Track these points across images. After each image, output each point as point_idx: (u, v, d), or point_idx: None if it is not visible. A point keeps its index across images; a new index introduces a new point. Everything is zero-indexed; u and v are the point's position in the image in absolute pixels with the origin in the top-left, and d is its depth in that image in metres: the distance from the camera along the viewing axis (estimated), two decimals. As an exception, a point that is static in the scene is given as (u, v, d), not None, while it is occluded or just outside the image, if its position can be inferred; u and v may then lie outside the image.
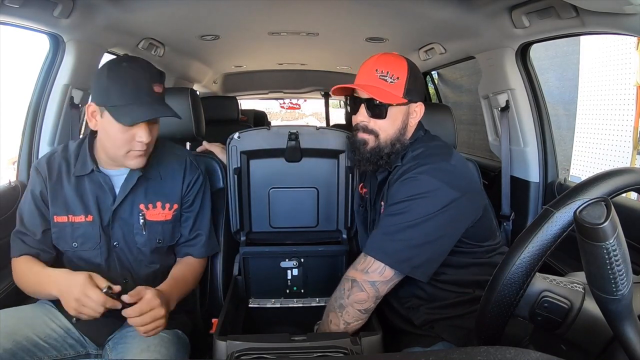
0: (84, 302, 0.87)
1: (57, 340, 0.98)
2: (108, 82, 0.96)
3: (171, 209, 1.10)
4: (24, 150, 1.34)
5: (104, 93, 0.97)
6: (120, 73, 0.97)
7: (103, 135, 1.01)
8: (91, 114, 1.00)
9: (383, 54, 1.06)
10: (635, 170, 0.53)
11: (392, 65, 1.02)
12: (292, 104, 5.45)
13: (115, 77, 0.96)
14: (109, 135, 0.99)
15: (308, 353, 0.84)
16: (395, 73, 1.01)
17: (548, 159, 1.47)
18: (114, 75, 0.97)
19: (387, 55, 1.05)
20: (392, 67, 1.02)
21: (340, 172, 1.28)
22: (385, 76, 1.01)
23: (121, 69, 0.97)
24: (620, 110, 3.23)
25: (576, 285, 0.56)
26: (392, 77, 1.01)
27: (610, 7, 0.91)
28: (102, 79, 0.98)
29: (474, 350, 0.48)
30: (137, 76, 0.98)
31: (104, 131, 1.00)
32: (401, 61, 1.04)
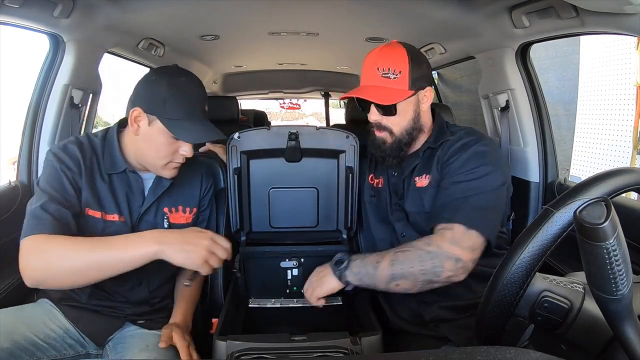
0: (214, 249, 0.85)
1: (56, 340, 0.98)
2: (167, 93, 0.96)
3: (191, 213, 1.13)
4: (24, 150, 1.34)
5: (160, 104, 0.96)
6: (180, 87, 0.97)
7: (145, 143, 0.99)
8: (134, 119, 0.98)
9: (382, 47, 1.05)
10: (635, 170, 0.53)
11: (392, 59, 1.02)
12: (292, 104, 5.44)
13: (175, 91, 0.96)
14: (153, 144, 0.98)
15: (308, 353, 0.84)
16: (396, 67, 1.01)
17: (548, 159, 1.47)
18: (173, 88, 0.96)
19: (386, 48, 1.05)
20: (392, 61, 1.02)
21: (340, 172, 1.28)
22: (388, 73, 1.02)
23: (181, 83, 0.98)
24: (620, 110, 3.23)
25: (576, 285, 0.56)
26: (394, 72, 1.01)
27: (610, 7, 0.91)
28: (159, 89, 0.96)
29: (474, 350, 0.48)
30: (195, 93, 1.00)
31: (148, 139, 0.99)
32: (400, 52, 1.03)
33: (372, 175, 1.23)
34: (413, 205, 1.08)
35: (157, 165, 1.01)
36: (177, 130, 0.96)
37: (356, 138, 1.25)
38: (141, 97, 0.99)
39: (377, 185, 1.20)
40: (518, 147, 1.49)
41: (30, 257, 0.84)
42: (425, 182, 1.06)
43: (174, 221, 1.10)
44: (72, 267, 0.83)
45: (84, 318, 1.03)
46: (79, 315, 1.02)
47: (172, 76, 0.98)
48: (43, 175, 0.97)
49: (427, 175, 1.06)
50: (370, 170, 1.23)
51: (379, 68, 1.02)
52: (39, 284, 0.87)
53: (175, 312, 1.08)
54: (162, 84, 0.96)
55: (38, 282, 0.86)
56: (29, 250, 0.85)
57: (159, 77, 0.99)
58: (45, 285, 0.91)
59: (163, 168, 1.02)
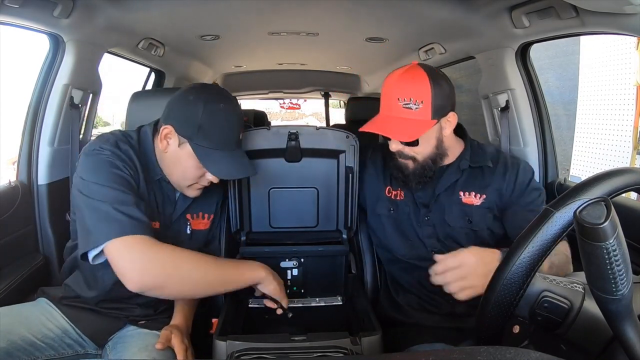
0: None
1: (54, 340, 0.97)
2: (202, 119, 0.92)
3: (209, 219, 1.14)
4: (24, 150, 1.34)
5: (194, 129, 0.93)
6: (217, 115, 0.94)
7: (172, 163, 0.98)
8: (165, 136, 0.96)
9: (402, 72, 1.01)
10: (635, 170, 0.53)
11: (413, 88, 0.99)
12: (292, 104, 5.44)
13: (211, 118, 0.93)
14: (181, 165, 0.97)
15: (308, 353, 0.84)
16: (418, 97, 0.98)
17: (548, 159, 1.47)
18: (209, 114, 0.93)
19: (406, 75, 1.00)
20: (413, 90, 0.98)
21: (340, 172, 1.28)
22: (409, 103, 0.98)
23: (219, 111, 0.94)
24: (620, 110, 3.23)
25: (576, 285, 0.56)
26: (415, 102, 0.98)
27: (610, 7, 0.91)
28: (194, 112, 0.93)
29: (474, 350, 0.48)
30: (232, 123, 0.97)
31: (176, 160, 0.97)
32: (422, 79, 0.99)
33: (389, 188, 1.19)
34: (455, 220, 1.08)
35: (182, 185, 1.01)
36: (207, 161, 0.94)
37: (356, 138, 1.25)
38: (175, 115, 0.96)
39: (396, 197, 1.17)
40: (518, 147, 1.49)
41: (143, 261, 0.83)
42: (476, 201, 1.07)
43: (195, 227, 1.11)
44: (201, 279, 0.89)
45: (84, 318, 1.02)
46: (79, 315, 1.02)
47: (210, 102, 0.94)
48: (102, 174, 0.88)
49: (479, 195, 1.07)
50: (386, 182, 1.20)
51: (400, 98, 0.99)
52: (151, 289, 0.85)
53: (175, 314, 1.07)
54: (199, 108, 0.93)
55: (152, 288, 0.85)
56: (136, 251, 0.83)
57: (196, 98, 0.95)
58: (155, 292, 0.86)
59: (187, 188, 1.01)
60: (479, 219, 1.07)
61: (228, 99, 0.98)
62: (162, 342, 0.94)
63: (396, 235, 1.17)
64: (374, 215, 1.23)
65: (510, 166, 1.08)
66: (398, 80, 1.01)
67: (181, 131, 0.95)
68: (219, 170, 0.96)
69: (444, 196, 1.10)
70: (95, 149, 0.92)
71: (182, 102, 0.96)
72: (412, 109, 0.99)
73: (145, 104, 1.32)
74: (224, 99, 0.97)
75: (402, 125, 0.99)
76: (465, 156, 1.10)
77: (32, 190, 1.31)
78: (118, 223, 0.83)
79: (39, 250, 1.31)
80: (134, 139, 1.00)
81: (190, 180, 0.99)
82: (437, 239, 1.11)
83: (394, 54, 2.15)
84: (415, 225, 1.13)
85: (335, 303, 1.30)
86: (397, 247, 1.17)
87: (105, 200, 0.85)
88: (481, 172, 1.09)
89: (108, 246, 0.83)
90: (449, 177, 1.10)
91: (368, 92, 3.30)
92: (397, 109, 1.00)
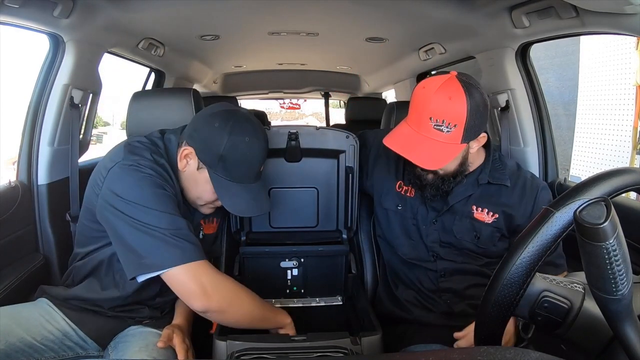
0: None
1: (54, 342, 0.96)
2: (225, 151, 0.91)
3: (217, 222, 1.15)
4: (24, 150, 1.34)
5: (215, 158, 0.92)
6: (241, 149, 0.93)
7: (189, 183, 0.97)
8: (185, 156, 0.95)
9: (440, 88, 0.92)
10: (635, 170, 0.53)
11: (448, 109, 0.91)
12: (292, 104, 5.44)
13: (234, 151, 0.92)
14: (197, 187, 0.97)
15: (308, 353, 0.84)
16: (452, 120, 0.91)
17: (548, 159, 1.47)
18: (232, 148, 0.92)
19: (443, 92, 0.91)
20: (448, 112, 0.91)
21: (340, 172, 1.28)
22: (441, 125, 0.92)
23: (244, 145, 0.93)
24: (620, 110, 3.23)
25: (576, 285, 0.56)
26: (448, 125, 0.92)
27: (610, 7, 0.91)
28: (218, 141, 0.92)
29: (474, 350, 0.48)
30: (254, 158, 0.96)
31: (193, 181, 0.97)
32: (460, 99, 0.91)
33: (400, 182, 1.17)
34: (463, 233, 1.07)
35: (196, 203, 1.01)
36: (223, 193, 0.93)
37: (356, 138, 1.25)
38: (198, 139, 0.94)
39: (407, 193, 1.15)
40: (518, 147, 1.49)
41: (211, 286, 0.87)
42: (487, 219, 1.06)
43: (207, 232, 1.11)
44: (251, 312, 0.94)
45: (89, 321, 1.01)
46: (83, 317, 1.01)
47: (235, 133, 0.92)
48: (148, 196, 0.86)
49: (492, 214, 1.06)
50: (398, 177, 1.18)
51: (432, 118, 0.92)
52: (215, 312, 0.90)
53: (177, 315, 1.07)
54: (223, 137, 0.91)
55: (216, 311, 0.89)
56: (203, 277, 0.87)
57: (222, 126, 0.93)
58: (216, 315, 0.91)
59: (201, 207, 1.02)
60: (487, 238, 1.06)
61: (255, 132, 0.95)
62: (164, 341, 0.95)
63: (400, 233, 1.16)
64: (380, 207, 1.20)
65: (529, 190, 1.06)
66: (434, 96, 0.92)
67: (202, 156, 0.94)
68: (234, 205, 0.95)
69: (456, 206, 1.08)
70: (132, 165, 0.88)
71: (207, 126, 0.94)
72: (444, 131, 0.92)
73: (145, 104, 1.32)
74: (250, 132, 0.94)
75: (430, 149, 0.93)
76: (485, 170, 1.07)
77: (32, 190, 1.31)
78: (180, 250, 0.85)
79: (38, 250, 1.30)
80: (162, 148, 0.98)
81: (204, 202, 1.00)
82: (440, 244, 1.11)
83: (394, 54, 2.15)
84: (421, 226, 1.12)
85: (335, 303, 1.30)
86: (399, 245, 1.16)
87: (158, 226, 0.85)
88: (498, 190, 1.07)
89: (170, 272, 0.85)
90: (465, 189, 1.07)
91: (368, 92, 3.30)
92: (427, 128, 0.93)
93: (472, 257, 1.09)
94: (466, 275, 1.09)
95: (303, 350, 0.86)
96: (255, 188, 0.98)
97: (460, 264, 1.09)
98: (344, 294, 1.31)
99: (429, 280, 1.12)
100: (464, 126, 0.92)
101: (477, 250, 1.08)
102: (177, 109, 1.31)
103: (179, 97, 1.34)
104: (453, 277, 1.10)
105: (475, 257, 1.09)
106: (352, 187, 1.25)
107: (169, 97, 1.39)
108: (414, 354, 0.67)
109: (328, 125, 3.65)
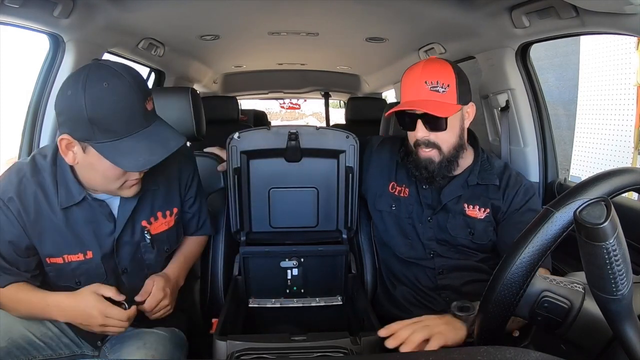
0: (108, 323, 0.87)
1: (52, 339, 0.96)
2: (90, 112, 0.76)
3: (172, 215, 1.03)
4: (24, 150, 1.34)
5: (85, 127, 0.77)
6: (105, 99, 0.77)
7: (88, 171, 0.85)
8: (65, 147, 0.81)
9: (427, 61, 1.04)
10: (635, 170, 0.53)
11: (439, 73, 1.01)
12: (292, 104, 5.45)
13: (98, 105, 0.76)
14: (97, 171, 0.84)
15: (308, 353, 0.84)
16: (445, 81, 1.00)
17: (548, 159, 1.47)
18: (94, 103, 0.76)
19: (431, 62, 1.04)
20: (440, 75, 1.00)
21: (340, 172, 1.28)
22: (437, 86, 1.00)
23: (104, 93, 0.76)
24: (620, 110, 3.23)
25: (576, 285, 0.56)
26: (443, 86, 1.00)
27: (610, 7, 0.91)
28: (79, 107, 0.76)
29: (474, 350, 0.48)
30: (127, 99, 0.78)
31: (89, 167, 0.84)
32: (446, 66, 1.02)
33: (393, 183, 1.19)
34: (458, 230, 1.09)
35: (111, 189, 0.88)
36: (115, 156, 0.79)
37: (356, 138, 1.25)
38: (64, 120, 0.80)
39: (400, 194, 1.17)
40: (518, 147, 1.49)
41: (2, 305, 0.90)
42: (480, 214, 1.08)
43: (156, 231, 0.99)
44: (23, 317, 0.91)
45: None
46: None
47: (91, 86, 0.76)
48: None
49: (483, 209, 1.08)
50: (391, 177, 1.20)
51: (427, 81, 1.00)
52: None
53: (169, 265, 1.04)
54: (80, 100, 0.76)
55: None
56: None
57: (74, 90, 0.77)
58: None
59: (119, 190, 0.88)
60: (481, 233, 1.08)
61: (113, 73, 0.78)
62: (142, 295, 0.92)
63: (396, 233, 1.17)
64: (374, 210, 1.23)
65: (512, 185, 1.09)
66: (423, 67, 1.02)
67: (76, 135, 0.79)
68: (135, 162, 0.80)
69: (448, 204, 1.10)
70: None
71: (63, 100, 0.80)
72: (440, 91, 0.99)
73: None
74: (106, 76, 0.78)
75: (434, 105, 0.99)
76: (474, 172, 1.10)
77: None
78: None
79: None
80: (48, 159, 0.88)
81: (116, 182, 0.86)
82: (436, 242, 1.12)
83: (394, 54, 2.15)
84: (417, 224, 1.13)
85: (335, 303, 1.30)
86: (396, 245, 1.17)
87: None
88: (486, 187, 1.10)
89: None
90: (455, 189, 1.10)
91: (368, 92, 3.30)
92: (424, 92, 1.00)
93: (467, 253, 1.10)
94: (463, 271, 1.10)
95: (303, 350, 0.86)
96: (150, 131, 0.82)
97: (457, 261, 1.10)
98: (344, 294, 1.31)
99: (427, 278, 1.13)
100: (456, 86, 1.01)
101: (472, 246, 1.09)
102: (175, 108, 1.31)
103: (176, 96, 1.34)
104: (451, 274, 1.11)
105: (471, 253, 1.10)
106: (352, 187, 1.25)
107: (167, 96, 1.39)
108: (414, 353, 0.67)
109: (328, 125, 3.65)
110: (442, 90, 1.00)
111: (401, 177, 1.18)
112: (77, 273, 0.93)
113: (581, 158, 3.60)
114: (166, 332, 1.03)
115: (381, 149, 1.25)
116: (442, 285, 1.11)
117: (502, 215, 1.07)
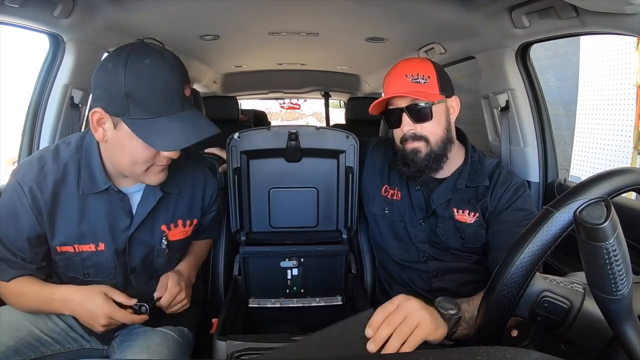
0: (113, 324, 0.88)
1: (60, 334, 0.97)
2: (128, 86, 0.75)
3: (191, 225, 1.03)
4: (24, 150, 1.34)
5: (121, 100, 0.76)
6: (144, 74, 0.75)
7: (116, 151, 0.82)
8: (97, 122, 0.80)
9: (405, 60, 1.07)
10: (635, 170, 0.53)
11: (419, 67, 1.04)
12: (292, 104, 5.45)
13: (137, 80, 0.75)
14: (126, 150, 0.81)
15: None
16: (425, 73, 1.03)
17: (548, 159, 1.47)
18: (134, 77, 0.75)
19: (410, 59, 1.07)
20: (420, 69, 1.03)
21: (340, 172, 1.28)
22: (417, 78, 1.02)
23: (146, 69, 0.75)
24: (620, 110, 3.23)
25: (576, 285, 0.56)
26: (424, 77, 1.02)
27: (610, 7, 0.91)
28: (117, 80, 0.75)
29: (474, 350, 0.48)
30: (167, 79, 0.77)
31: (118, 146, 0.81)
32: (425, 62, 1.06)
33: (386, 186, 1.19)
34: (448, 235, 1.08)
35: (137, 172, 0.84)
36: (147, 134, 0.77)
37: (356, 138, 1.25)
38: (99, 94, 0.79)
39: (393, 197, 1.17)
40: (518, 147, 1.49)
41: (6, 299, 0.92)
42: (469, 219, 1.06)
43: (173, 238, 0.99)
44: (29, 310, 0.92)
45: None
46: None
47: (131, 61, 0.75)
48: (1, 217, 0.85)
49: (473, 214, 1.06)
50: (383, 181, 1.20)
51: (408, 74, 1.02)
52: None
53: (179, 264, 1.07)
54: (119, 73, 0.75)
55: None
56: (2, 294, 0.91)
57: (115, 63, 0.76)
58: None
59: (145, 174, 0.85)
60: (471, 237, 1.06)
61: (155, 51, 0.78)
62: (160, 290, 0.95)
63: (389, 236, 1.17)
64: (369, 213, 1.23)
65: (501, 183, 1.06)
66: (402, 64, 1.05)
67: (110, 109, 0.77)
68: (168, 142, 0.77)
69: (438, 209, 1.10)
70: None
71: (102, 73, 0.78)
72: (421, 82, 1.01)
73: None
74: (150, 53, 0.77)
75: (418, 91, 1.01)
76: (463, 174, 1.08)
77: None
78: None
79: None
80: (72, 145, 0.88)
81: (143, 164, 0.82)
82: (429, 244, 1.12)
83: (394, 54, 2.14)
84: (409, 227, 1.13)
85: (335, 303, 1.30)
86: (390, 248, 1.17)
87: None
88: (475, 190, 1.08)
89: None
90: (444, 193, 1.09)
91: (368, 92, 3.30)
92: (407, 84, 1.02)
93: (460, 256, 1.09)
94: (458, 273, 1.10)
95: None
96: (187, 115, 0.80)
97: (451, 263, 1.10)
98: (344, 294, 1.31)
99: (422, 281, 1.13)
100: (437, 79, 1.03)
101: (464, 250, 1.08)
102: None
103: None
104: (445, 276, 1.11)
105: (464, 255, 1.09)
106: (352, 187, 1.25)
107: None
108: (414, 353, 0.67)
109: (328, 125, 3.65)
110: (424, 82, 1.02)
111: (394, 179, 1.18)
112: (86, 264, 0.92)
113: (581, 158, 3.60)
114: (174, 332, 1.02)
115: (374, 152, 1.26)
116: (437, 288, 1.11)
117: (490, 215, 1.06)
